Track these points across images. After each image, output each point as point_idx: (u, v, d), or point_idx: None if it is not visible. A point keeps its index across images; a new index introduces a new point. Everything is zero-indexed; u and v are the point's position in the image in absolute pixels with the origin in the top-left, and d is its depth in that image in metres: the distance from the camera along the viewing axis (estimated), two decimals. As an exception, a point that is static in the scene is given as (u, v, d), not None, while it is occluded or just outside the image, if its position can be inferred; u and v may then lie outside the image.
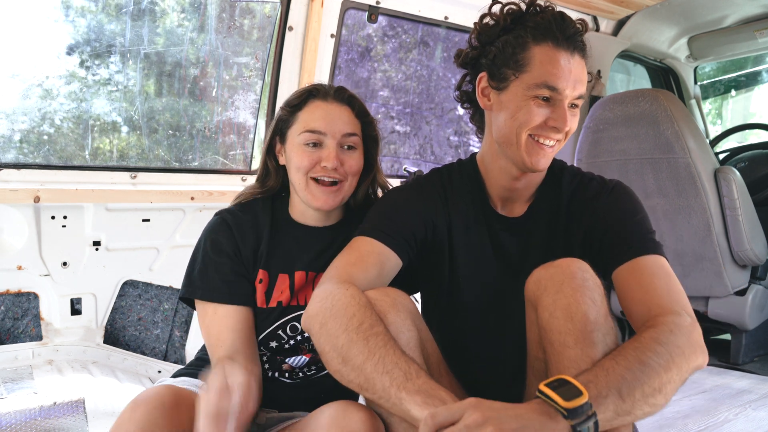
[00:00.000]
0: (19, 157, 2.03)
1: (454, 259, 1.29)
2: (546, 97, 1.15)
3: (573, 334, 0.98)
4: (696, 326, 1.01)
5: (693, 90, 3.63)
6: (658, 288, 1.08)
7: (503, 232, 1.29)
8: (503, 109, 1.20)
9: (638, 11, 2.99)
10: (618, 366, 0.91)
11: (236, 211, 1.32)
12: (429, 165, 3.06)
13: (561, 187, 1.28)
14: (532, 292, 1.08)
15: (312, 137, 1.26)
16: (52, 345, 2.02)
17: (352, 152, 1.29)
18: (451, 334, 1.28)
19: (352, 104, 1.32)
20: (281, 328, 1.28)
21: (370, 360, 0.94)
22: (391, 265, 1.19)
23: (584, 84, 1.18)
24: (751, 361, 2.69)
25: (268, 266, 1.29)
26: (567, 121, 1.15)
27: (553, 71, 1.14)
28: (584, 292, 1.00)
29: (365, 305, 1.02)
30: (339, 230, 1.35)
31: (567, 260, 1.06)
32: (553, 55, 1.15)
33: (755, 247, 2.51)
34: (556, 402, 0.84)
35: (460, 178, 1.33)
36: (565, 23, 1.16)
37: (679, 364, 0.94)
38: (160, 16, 2.23)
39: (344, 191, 1.29)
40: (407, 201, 1.27)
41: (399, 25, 2.79)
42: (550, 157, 1.21)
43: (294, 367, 1.29)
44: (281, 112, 1.33)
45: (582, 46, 1.18)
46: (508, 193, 1.29)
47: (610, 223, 1.20)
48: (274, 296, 1.28)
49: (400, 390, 0.91)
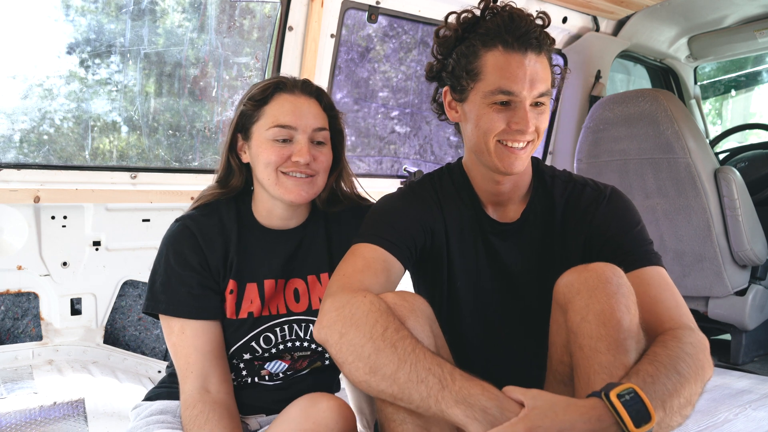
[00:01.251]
0: (19, 157, 2.03)
1: (452, 267, 1.29)
2: (504, 101, 1.15)
3: (605, 340, 0.96)
4: (706, 342, 1.02)
5: (693, 90, 3.63)
6: (666, 300, 1.09)
7: (496, 238, 1.29)
8: (468, 120, 1.21)
9: (638, 11, 2.99)
10: (659, 373, 0.90)
11: (199, 217, 1.23)
12: (429, 165, 3.06)
13: (554, 193, 1.28)
14: (563, 295, 1.06)
15: (282, 132, 1.20)
16: (52, 345, 2.02)
17: (322, 147, 1.25)
18: (452, 343, 1.28)
19: (320, 97, 1.27)
20: (254, 340, 1.23)
21: (402, 369, 0.92)
22: (396, 271, 1.17)
23: (545, 81, 1.16)
24: (751, 361, 2.69)
25: (238, 275, 1.23)
26: (529, 122, 1.14)
27: (506, 75, 1.13)
28: (619, 299, 0.98)
29: (386, 311, 0.99)
30: (305, 232, 1.31)
31: (601, 264, 1.04)
32: (503, 59, 1.14)
33: (755, 247, 2.51)
34: (624, 421, 0.82)
35: (452, 183, 1.32)
36: (515, 23, 1.14)
37: (702, 376, 0.96)
38: (160, 16, 2.23)
39: (317, 185, 1.24)
40: (405, 207, 1.26)
41: (399, 25, 2.79)
42: (524, 159, 1.19)
43: (273, 373, 1.26)
44: (244, 108, 1.25)
45: (538, 43, 1.15)
46: (496, 198, 1.28)
47: (611, 234, 1.20)
48: (244, 307, 1.22)
49: (438, 402, 0.89)
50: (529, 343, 1.29)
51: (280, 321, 1.25)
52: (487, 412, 0.86)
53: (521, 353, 1.30)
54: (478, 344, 1.30)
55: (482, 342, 1.31)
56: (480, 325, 1.30)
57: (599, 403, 0.85)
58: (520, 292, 1.29)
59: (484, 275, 1.29)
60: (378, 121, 2.91)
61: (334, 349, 0.99)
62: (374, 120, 2.89)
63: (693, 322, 1.07)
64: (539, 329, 1.25)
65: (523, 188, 1.29)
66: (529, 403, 0.86)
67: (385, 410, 1.00)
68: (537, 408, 0.85)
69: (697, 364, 0.95)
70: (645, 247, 1.18)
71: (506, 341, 1.31)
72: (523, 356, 1.29)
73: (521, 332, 1.30)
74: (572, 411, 0.84)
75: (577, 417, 0.83)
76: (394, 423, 0.99)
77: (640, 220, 1.23)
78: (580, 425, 0.82)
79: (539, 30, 1.16)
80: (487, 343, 1.31)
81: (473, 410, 0.87)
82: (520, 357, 1.29)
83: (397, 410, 0.98)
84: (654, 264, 1.14)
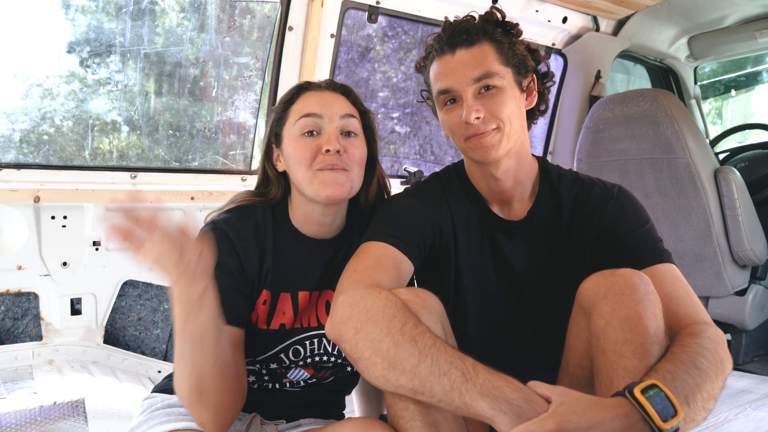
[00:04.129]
0: (19, 157, 2.03)
1: (459, 265, 1.29)
2: (450, 100, 1.21)
3: (631, 345, 0.95)
4: (723, 335, 1.03)
5: (693, 90, 3.63)
6: (681, 297, 1.09)
7: (503, 237, 1.29)
8: (442, 126, 1.29)
9: (638, 11, 2.99)
10: (678, 370, 0.90)
11: (234, 221, 1.16)
12: (429, 165, 3.06)
13: (561, 192, 1.28)
14: (587, 299, 1.05)
15: (308, 122, 1.15)
16: (52, 345, 2.02)
17: (354, 139, 1.19)
18: (458, 341, 1.27)
19: (346, 93, 1.24)
20: (283, 351, 1.19)
21: (423, 362, 0.91)
22: (406, 269, 1.16)
23: (480, 65, 1.17)
24: (751, 361, 2.70)
25: (272, 285, 1.18)
26: (472, 112, 1.16)
27: (440, 78, 1.21)
28: (646, 305, 0.98)
29: (402, 306, 0.98)
30: (341, 243, 1.26)
31: (629, 271, 1.03)
32: (437, 63, 1.22)
33: (755, 247, 2.51)
34: (651, 417, 0.82)
35: (458, 182, 1.33)
36: (445, 31, 1.21)
37: (723, 370, 0.96)
38: (160, 16, 2.23)
39: (352, 180, 1.17)
40: (414, 206, 1.26)
41: (399, 25, 2.79)
42: (497, 144, 1.19)
43: (293, 381, 1.24)
44: (274, 112, 1.23)
45: (467, 37, 1.18)
46: (499, 195, 1.29)
47: (620, 233, 1.20)
48: (276, 318, 1.18)
49: (462, 395, 0.88)
50: (536, 343, 1.29)
51: (311, 334, 1.21)
52: (513, 403, 0.86)
53: (528, 352, 1.29)
54: (485, 343, 1.30)
55: (488, 340, 1.30)
56: (486, 324, 1.30)
57: (624, 401, 0.85)
58: (526, 291, 1.29)
59: (490, 273, 1.29)
60: (378, 121, 2.91)
61: (350, 344, 0.98)
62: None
63: (708, 316, 1.07)
64: (546, 329, 1.25)
65: (527, 185, 1.29)
66: (557, 399, 0.85)
67: (395, 406, 1.00)
68: (565, 404, 0.84)
69: (716, 358, 0.95)
70: (655, 244, 1.18)
71: (513, 340, 1.30)
72: (530, 356, 1.29)
73: (528, 331, 1.29)
74: (600, 408, 0.84)
75: (605, 414, 0.83)
76: (404, 420, 0.99)
77: (649, 218, 1.23)
78: (609, 422, 0.82)
79: (470, 25, 1.20)
80: (493, 341, 1.30)
81: (498, 402, 0.86)
82: (527, 356, 1.29)
83: (407, 407, 0.97)
84: (665, 261, 1.14)
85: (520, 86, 1.23)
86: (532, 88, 1.27)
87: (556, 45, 3.07)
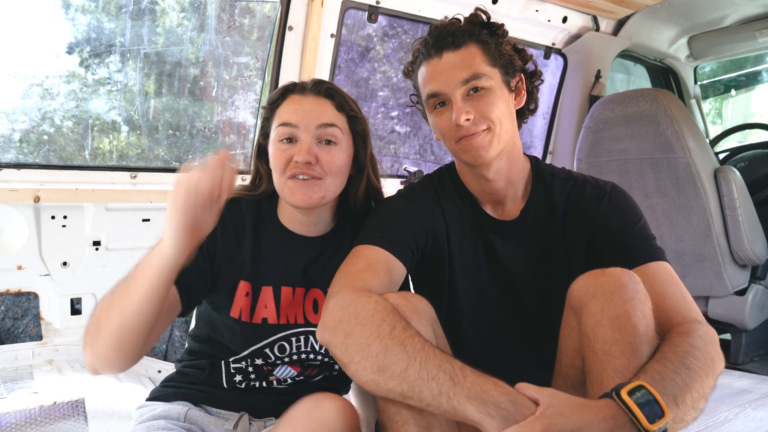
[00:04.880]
0: (19, 157, 2.03)
1: (452, 267, 1.29)
2: (440, 103, 1.22)
3: (620, 345, 0.95)
4: (715, 334, 1.02)
5: (693, 90, 3.63)
6: (673, 295, 1.09)
7: (496, 237, 1.29)
8: (432, 129, 1.30)
9: (638, 11, 2.99)
10: (667, 370, 0.90)
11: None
12: (429, 165, 3.06)
13: (553, 191, 1.28)
14: (577, 299, 1.05)
15: (285, 131, 1.17)
16: (52, 345, 2.02)
17: (331, 147, 1.18)
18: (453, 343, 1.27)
19: (332, 96, 1.22)
20: (268, 347, 1.20)
21: (412, 366, 0.91)
22: (398, 273, 1.17)
23: (468, 67, 1.18)
24: (751, 361, 2.69)
25: (252, 277, 1.19)
26: (462, 113, 1.17)
27: (430, 79, 1.21)
28: (635, 304, 0.98)
29: (392, 310, 0.98)
30: (329, 241, 1.27)
31: (618, 270, 1.04)
32: (425, 67, 1.23)
33: (755, 247, 2.51)
34: (637, 418, 0.82)
35: (450, 183, 1.33)
36: (432, 35, 1.22)
37: (713, 369, 0.96)
38: (160, 16, 2.23)
39: (324, 189, 1.17)
40: (406, 209, 1.26)
41: (399, 25, 2.79)
42: (488, 145, 1.19)
43: (281, 378, 1.24)
44: (264, 112, 1.25)
45: (453, 39, 1.19)
46: (491, 196, 1.29)
47: (613, 230, 1.20)
48: (258, 312, 1.19)
49: (450, 399, 0.88)
50: (531, 342, 1.28)
51: (297, 331, 1.22)
52: (501, 407, 0.86)
53: (523, 352, 1.29)
54: (479, 344, 1.30)
55: (483, 340, 1.30)
56: (481, 325, 1.30)
57: (611, 402, 0.85)
58: (520, 291, 1.29)
59: (484, 274, 1.29)
60: (378, 121, 2.91)
61: (339, 349, 0.98)
62: (374, 120, 2.89)
63: (700, 315, 1.07)
64: (541, 328, 1.25)
65: (519, 185, 1.29)
66: (545, 401, 0.86)
67: (388, 411, 1.00)
68: (552, 406, 0.84)
69: (706, 357, 0.95)
70: (648, 242, 1.18)
71: (507, 341, 1.30)
72: (525, 355, 1.29)
73: (523, 331, 1.29)
74: (587, 410, 0.84)
75: (592, 416, 0.83)
76: (397, 424, 0.99)
77: (642, 215, 1.24)
78: (596, 424, 0.82)
79: (456, 27, 1.20)
80: (487, 342, 1.30)
81: (486, 406, 0.86)
82: (522, 356, 1.29)
83: (399, 411, 0.97)
84: (658, 259, 1.14)
85: (509, 86, 1.24)
86: (521, 87, 1.28)
87: (556, 45, 3.07)
